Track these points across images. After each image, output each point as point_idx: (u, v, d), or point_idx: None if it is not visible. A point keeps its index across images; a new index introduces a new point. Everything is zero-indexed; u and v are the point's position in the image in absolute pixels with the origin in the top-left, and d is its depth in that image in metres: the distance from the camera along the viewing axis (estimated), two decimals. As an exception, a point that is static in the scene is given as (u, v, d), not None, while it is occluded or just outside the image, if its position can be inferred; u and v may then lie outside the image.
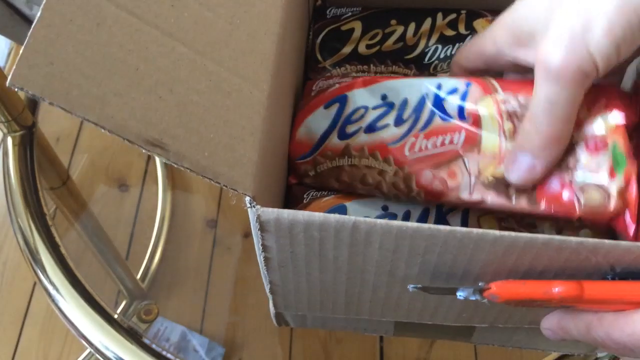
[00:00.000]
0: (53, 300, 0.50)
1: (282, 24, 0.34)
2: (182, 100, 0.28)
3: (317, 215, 0.29)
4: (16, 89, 0.25)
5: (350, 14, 0.48)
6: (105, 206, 1.01)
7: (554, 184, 0.34)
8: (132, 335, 0.48)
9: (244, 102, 0.30)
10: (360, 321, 0.42)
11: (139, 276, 0.91)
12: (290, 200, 0.40)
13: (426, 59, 0.45)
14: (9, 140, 0.59)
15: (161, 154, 0.27)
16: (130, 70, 0.28)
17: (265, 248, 0.32)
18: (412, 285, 0.32)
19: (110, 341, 0.47)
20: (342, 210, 0.39)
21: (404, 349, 0.89)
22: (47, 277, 0.50)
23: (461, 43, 0.45)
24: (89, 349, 0.48)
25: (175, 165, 0.27)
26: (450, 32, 0.46)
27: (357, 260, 0.32)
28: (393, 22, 0.46)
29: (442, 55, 0.45)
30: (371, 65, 0.45)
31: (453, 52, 0.45)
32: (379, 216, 0.38)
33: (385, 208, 0.39)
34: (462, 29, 0.46)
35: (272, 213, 0.29)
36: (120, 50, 0.28)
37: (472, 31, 0.46)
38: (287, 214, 0.29)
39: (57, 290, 0.50)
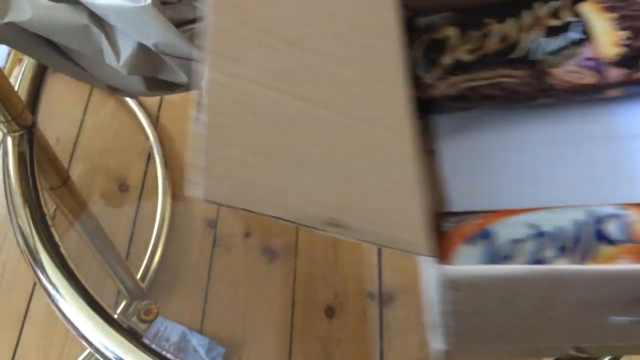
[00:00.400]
0: (53, 301, 0.50)
1: (400, 53, 0.33)
2: (346, 171, 0.28)
3: (515, 269, 0.28)
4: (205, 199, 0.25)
5: (442, 20, 0.44)
6: (105, 206, 1.01)
7: None
8: (132, 335, 0.48)
9: (396, 156, 0.30)
10: (538, 349, 0.40)
11: (139, 276, 0.91)
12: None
13: (533, 55, 0.41)
14: (9, 140, 0.58)
15: (342, 234, 0.26)
16: (294, 153, 0.27)
17: (446, 301, 0.30)
18: (616, 318, 0.30)
19: (110, 341, 0.47)
20: (487, 235, 0.37)
21: (404, 349, 0.89)
22: (47, 277, 0.50)
23: (567, 33, 0.41)
24: (89, 349, 0.48)
25: (356, 241, 0.27)
26: (555, 22, 0.41)
27: (546, 301, 0.31)
28: (488, 20, 0.43)
29: (550, 49, 0.41)
30: (476, 72, 0.42)
31: (562, 45, 0.41)
32: (529, 235, 0.36)
33: (533, 227, 0.37)
34: (567, 16, 0.42)
35: (461, 271, 0.28)
36: (280, 133, 0.28)
37: (579, 17, 0.41)
38: (482, 270, 0.28)
39: (57, 290, 0.50)
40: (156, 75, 0.49)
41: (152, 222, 0.97)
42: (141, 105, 1.07)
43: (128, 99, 1.08)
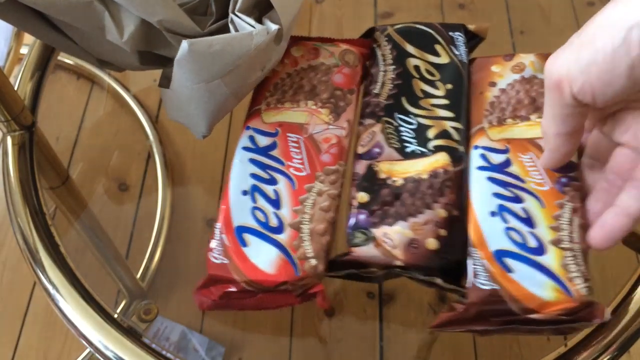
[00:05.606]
0: (53, 300, 0.50)
1: None
2: None
3: None
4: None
5: None
6: (105, 206, 1.01)
7: None
8: (132, 335, 0.48)
9: None
10: None
11: (138, 276, 0.91)
12: None
13: None
14: (9, 140, 0.58)
15: None
16: None
17: None
18: None
19: (110, 341, 0.47)
20: None
21: (404, 349, 0.89)
22: (47, 277, 0.50)
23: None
24: (89, 349, 0.48)
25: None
26: None
27: None
28: None
29: None
30: None
31: None
32: None
33: None
34: None
35: None
36: None
37: None
38: None
39: (57, 290, 0.50)
40: (156, 51, 0.50)
41: (152, 221, 0.97)
42: (141, 105, 1.07)
43: (128, 99, 1.08)
